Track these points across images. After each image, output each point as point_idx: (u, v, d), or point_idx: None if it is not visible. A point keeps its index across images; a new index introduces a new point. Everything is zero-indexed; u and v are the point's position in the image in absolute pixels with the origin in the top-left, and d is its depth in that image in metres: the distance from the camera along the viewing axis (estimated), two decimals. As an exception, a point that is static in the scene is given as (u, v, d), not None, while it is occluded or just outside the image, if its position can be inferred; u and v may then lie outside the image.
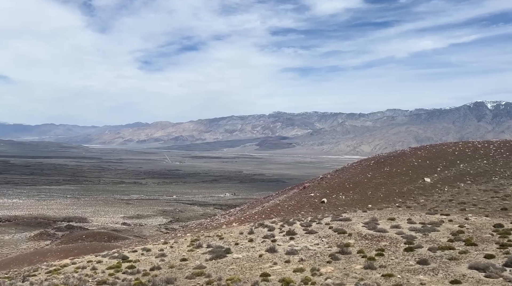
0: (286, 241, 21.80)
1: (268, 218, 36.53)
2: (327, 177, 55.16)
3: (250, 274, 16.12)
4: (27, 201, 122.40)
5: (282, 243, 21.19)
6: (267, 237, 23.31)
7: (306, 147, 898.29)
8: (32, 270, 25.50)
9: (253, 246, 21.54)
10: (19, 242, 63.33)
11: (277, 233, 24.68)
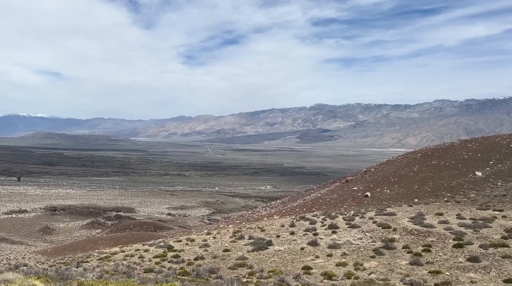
0: (328, 234, 21.58)
1: (309, 211, 36.33)
2: (370, 170, 53.85)
3: (292, 266, 16.13)
4: (79, 192, 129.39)
5: (324, 237, 21.01)
6: (309, 230, 23.19)
7: (348, 140, 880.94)
8: (85, 257, 27.00)
9: (294, 238, 21.53)
10: (73, 230, 67.10)
11: (319, 226, 24.50)
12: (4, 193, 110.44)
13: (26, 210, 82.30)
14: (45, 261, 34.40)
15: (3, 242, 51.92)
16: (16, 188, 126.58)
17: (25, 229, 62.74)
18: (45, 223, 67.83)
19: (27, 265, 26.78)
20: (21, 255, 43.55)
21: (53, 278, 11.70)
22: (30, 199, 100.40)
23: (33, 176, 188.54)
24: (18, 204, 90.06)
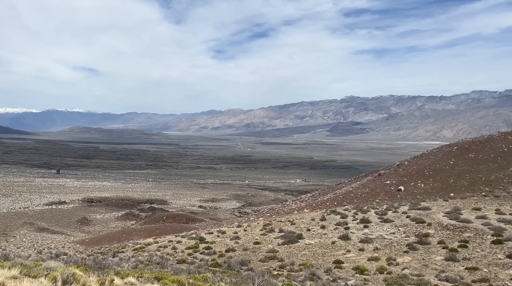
0: (360, 229, 21.31)
1: (340, 205, 35.94)
2: (404, 164, 52.57)
3: (322, 260, 16.04)
4: (115, 184, 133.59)
5: (356, 231, 20.75)
6: (340, 224, 22.98)
7: (381, 132, 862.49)
8: (120, 247, 27.91)
9: (325, 232, 21.39)
10: (109, 221, 69.45)
11: (350, 220, 24.22)
12: (45, 185, 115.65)
13: (65, 202, 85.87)
14: (83, 250, 35.86)
15: (45, 232, 54.43)
16: (55, 180, 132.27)
17: (64, 220, 65.49)
18: (83, 214, 70.52)
19: (67, 254, 28.00)
20: (61, 244, 45.51)
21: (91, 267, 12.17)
22: (68, 191, 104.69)
23: (71, 168, 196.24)
24: (58, 195, 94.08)
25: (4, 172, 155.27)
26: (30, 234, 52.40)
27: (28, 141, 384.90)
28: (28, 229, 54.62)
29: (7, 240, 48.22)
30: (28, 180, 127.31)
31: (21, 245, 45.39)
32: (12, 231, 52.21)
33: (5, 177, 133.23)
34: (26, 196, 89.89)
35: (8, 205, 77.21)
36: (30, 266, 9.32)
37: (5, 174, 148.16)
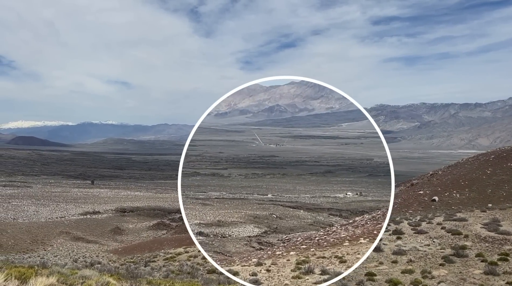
0: (393, 240, 20.75)
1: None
2: (438, 173, 50.97)
3: (354, 272, 15.71)
4: (146, 194, 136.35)
5: (388, 242, 20.23)
6: (372, 235, 22.45)
7: (413, 141, 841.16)
8: (152, 257, 28.39)
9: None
10: (140, 230, 70.79)
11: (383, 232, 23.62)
12: (80, 195, 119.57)
13: (99, 211, 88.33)
14: (116, 259, 36.66)
15: (80, 241, 56.15)
16: (90, 191, 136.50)
17: (98, 229, 67.31)
18: (116, 224, 72.20)
19: (100, 263, 28.72)
20: (95, 253, 46.77)
21: (124, 276, 12.43)
22: (102, 201, 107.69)
23: (105, 179, 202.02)
24: (92, 205, 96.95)
25: (43, 183, 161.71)
26: (66, 243, 54.18)
27: (65, 153, 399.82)
28: (65, 238, 56.50)
29: (45, 248, 50.04)
30: (64, 190, 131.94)
31: (58, 254, 46.94)
32: (49, 240, 54.15)
33: (43, 188, 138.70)
34: (63, 206, 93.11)
35: (46, 214, 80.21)
36: (67, 274, 9.63)
37: (43, 184, 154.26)
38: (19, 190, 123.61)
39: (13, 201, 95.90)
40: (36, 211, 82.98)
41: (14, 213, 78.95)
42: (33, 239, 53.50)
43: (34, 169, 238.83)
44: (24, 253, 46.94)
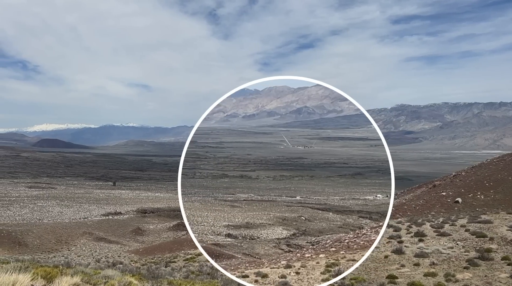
0: (415, 242, 20.40)
1: (393, 218, 34.65)
2: (461, 174, 49.83)
3: (375, 275, 15.51)
4: (166, 195, 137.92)
5: (410, 245, 19.90)
6: (393, 238, 22.15)
7: (435, 142, 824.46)
8: (172, 257, 28.70)
9: (377, 246, 20.67)
10: (161, 231, 71.60)
11: (404, 233, 23.28)
12: (102, 196, 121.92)
13: (121, 212, 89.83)
14: (137, 260, 37.21)
15: (102, 241, 57.23)
16: (112, 192, 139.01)
17: (120, 230, 68.47)
18: (137, 225, 73.30)
19: (122, 263, 29.20)
20: (117, 253, 47.59)
21: (145, 276, 12.61)
22: (123, 202, 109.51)
23: (126, 180, 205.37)
24: (114, 206, 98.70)
25: (66, 184, 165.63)
26: (89, 243, 55.31)
27: (87, 155, 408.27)
28: (87, 238, 57.69)
29: (69, 248, 51.22)
30: (87, 192, 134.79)
31: (81, 254, 47.97)
32: (73, 240, 55.38)
33: (67, 189, 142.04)
34: (86, 207, 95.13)
35: (70, 215, 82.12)
36: (90, 274, 9.84)
37: (67, 186, 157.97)
38: (44, 191, 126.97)
39: (38, 202, 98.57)
40: (60, 212, 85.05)
41: (40, 213, 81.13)
42: (58, 239, 54.84)
43: (58, 170, 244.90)
44: (49, 252, 48.17)
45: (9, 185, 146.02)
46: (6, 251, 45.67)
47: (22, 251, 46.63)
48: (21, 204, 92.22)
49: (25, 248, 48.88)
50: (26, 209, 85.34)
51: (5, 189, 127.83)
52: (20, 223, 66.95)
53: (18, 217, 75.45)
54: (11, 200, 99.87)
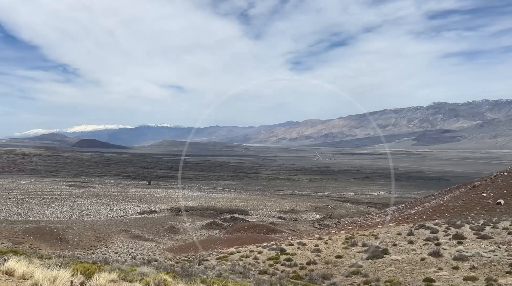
0: (453, 245, 19.67)
1: (429, 219, 33.60)
2: (503, 174, 47.56)
3: (411, 277, 15.09)
4: (199, 194, 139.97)
5: (448, 247, 19.21)
6: (430, 240, 21.46)
7: (474, 141, 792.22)
8: (205, 256, 29.05)
9: (413, 248, 20.12)
10: (194, 229, 72.77)
11: (442, 236, 22.50)
12: (138, 195, 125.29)
13: (156, 211, 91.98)
14: (171, 257, 37.94)
15: (138, 239, 58.79)
16: (147, 191, 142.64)
17: (154, 228, 70.11)
18: (171, 223, 74.80)
19: (157, 261, 29.88)
20: (152, 251, 48.74)
21: (179, 274, 12.83)
22: (158, 200, 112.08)
23: (160, 180, 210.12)
24: (149, 205, 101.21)
25: (104, 183, 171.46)
26: (126, 240, 56.94)
27: (124, 155, 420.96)
28: (124, 236, 59.40)
29: (106, 245, 52.94)
30: (123, 190, 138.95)
31: (118, 250, 49.48)
32: (111, 237, 57.20)
33: (104, 187, 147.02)
34: (122, 205, 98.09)
35: (107, 213, 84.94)
36: (126, 271, 10.12)
37: (104, 184, 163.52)
38: (83, 190, 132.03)
39: (78, 200, 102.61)
40: (99, 210, 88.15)
41: (79, 211, 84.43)
42: (96, 236, 56.82)
43: (96, 170, 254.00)
44: (88, 249, 50.02)
45: (51, 184, 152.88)
46: (49, 246, 47.79)
47: (63, 247, 48.65)
48: (62, 202, 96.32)
49: (66, 244, 50.95)
50: (66, 207, 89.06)
51: (48, 187, 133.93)
52: (61, 220, 69.95)
53: (59, 214, 78.87)
54: (53, 198, 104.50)
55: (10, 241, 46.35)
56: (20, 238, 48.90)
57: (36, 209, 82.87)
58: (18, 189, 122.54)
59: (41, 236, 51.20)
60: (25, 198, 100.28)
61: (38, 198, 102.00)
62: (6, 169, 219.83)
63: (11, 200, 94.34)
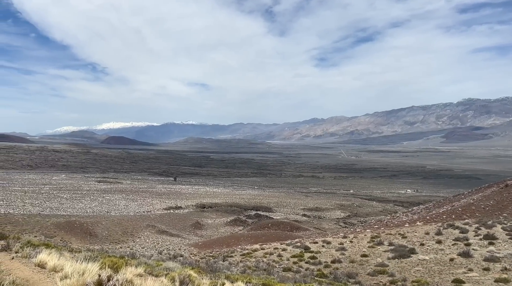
0: (484, 246, 19.06)
1: (459, 219, 32.65)
2: (538, 173, 45.68)
3: (439, 278, 14.72)
4: (224, 190, 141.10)
5: (479, 248, 18.62)
6: (459, 240, 20.86)
7: (507, 138, 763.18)
8: (229, 252, 29.26)
9: (441, 248, 19.61)
10: (219, 226, 73.38)
11: (472, 236, 21.83)
12: (164, 191, 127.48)
13: (181, 207, 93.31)
14: (196, 253, 38.40)
15: (164, 234, 59.81)
16: (173, 187, 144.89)
17: (180, 224, 71.14)
18: (196, 219, 75.70)
19: (182, 256, 30.32)
20: (178, 246, 49.49)
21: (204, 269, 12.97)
22: (183, 197, 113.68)
23: (186, 176, 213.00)
24: (175, 201, 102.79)
25: (131, 179, 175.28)
26: (152, 235, 58.05)
27: (150, 152, 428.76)
28: (150, 231, 60.57)
29: (134, 240, 54.13)
30: (150, 187, 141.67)
31: (145, 245, 50.50)
32: (137, 232, 58.45)
33: (132, 183, 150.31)
34: (149, 201, 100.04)
35: (135, 208, 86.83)
36: (153, 266, 10.32)
37: (132, 180, 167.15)
38: (111, 186, 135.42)
39: (106, 195, 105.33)
40: (126, 205, 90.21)
41: (108, 206, 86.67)
42: (124, 231, 58.18)
43: (124, 166, 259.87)
44: (116, 243, 51.28)
45: (81, 179, 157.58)
46: (79, 240, 49.32)
47: (92, 241, 50.09)
48: (92, 197, 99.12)
49: (95, 238, 52.43)
50: (95, 202, 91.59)
51: (78, 183, 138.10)
52: (90, 215, 72.01)
53: (89, 209, 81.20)
54: (83, 193, 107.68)
55: (42, 234, 48.07)
56: (52, 232, 50.65)
57: (67, 204, 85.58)
58: (50, 184, 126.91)
59: (71, 230, 52.87)
60: (57, 193, 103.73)
61: (68, 193, 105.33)
62: (39, 164, 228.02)
63: (43, 194, 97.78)
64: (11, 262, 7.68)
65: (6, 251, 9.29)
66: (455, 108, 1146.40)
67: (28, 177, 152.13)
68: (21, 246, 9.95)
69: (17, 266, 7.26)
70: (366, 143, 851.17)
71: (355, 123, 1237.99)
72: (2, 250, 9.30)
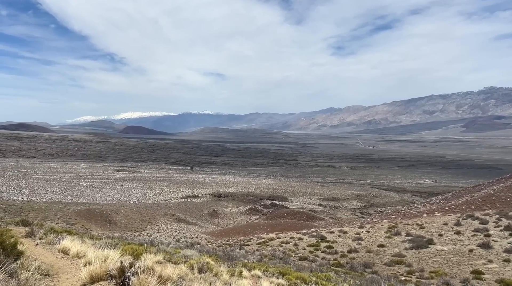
0: (505, 237, 18.74)
1: (479, 210, 32.11)
2: (562, 164, 44.42)
3: (458, 269, 14.57)
4: (240, 180, 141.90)
5: (499, 239, 18.32)
6: (479, 231, 20.56)
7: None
8: (246, 240, 29.53)
9: (460, 239, 19.37)
10: (235, 215, 74.05)
11: (492, 227, 21.48)
12: (181, 180, 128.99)
13: (198, 196, 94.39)
14: (213, 241, 38.89)
15: (181, 222, 60.71)
16: (190, 176, 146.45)
17: (197, 212, 72.06)
18: (213, 208, 76.54)
19: (200, 244, 30.76)
20: (195, 234, 50.18)
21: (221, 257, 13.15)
22: (200, 186, 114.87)
23: (202, 165, 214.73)
24: (192, 190, 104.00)
25: (149, 168, 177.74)
26: (170, 223, 58.98)
27: (168, 141, 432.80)
28: (168, 219, 61.54)
29: (152, 228, 55.12)
30: (167, 176, 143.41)
31: (163, 233, 51.38)
32: (156, 220, 59.47)
33: (150, 172, 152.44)
34: (166, 190, 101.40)
35: (153, 197, 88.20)
36: (171, 253, 10.51)
37: (150, 169, 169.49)
38: (129, 174, 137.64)
39: (125, 184, 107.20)
40: (144, 194, 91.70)
41: (127, 195, 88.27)
42: (142, 219, 59.29)
43: (142, 155, 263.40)
44: (134, 231, 52.34)
45: (100, 168, 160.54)
46: (99, 228, 50.51)
47: (112, 229, 51.22)
48: (111, 186, 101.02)
49: (114, 226, 53.59)
50: (114, 191, 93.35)
51: (97, 172, 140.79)
52: (110, 203, 73.51)
53: (108, 197, 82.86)
54: (102, 181, 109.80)
55: (64, 222, 49.37)
56: (73, 219, 51.96)
57: (87, 192, 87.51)
58: (70, 173, 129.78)
59: (91, 217, 54.11)
60: (77, 181, 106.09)
61: (88, 181, 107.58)
62: (59, 154, 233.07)
63: (64, 183, 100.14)
64: (35, 248, 7.95)
65: (31, 237, 9.60)
66: (476, 97, 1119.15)
67: (50, 166, 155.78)
68: (44, 232, 10.25)
69: (41, 252, 7.50)
70: (384, 133, 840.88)
71: (373, 113, 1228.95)
72: (26, 236, 9.62)
